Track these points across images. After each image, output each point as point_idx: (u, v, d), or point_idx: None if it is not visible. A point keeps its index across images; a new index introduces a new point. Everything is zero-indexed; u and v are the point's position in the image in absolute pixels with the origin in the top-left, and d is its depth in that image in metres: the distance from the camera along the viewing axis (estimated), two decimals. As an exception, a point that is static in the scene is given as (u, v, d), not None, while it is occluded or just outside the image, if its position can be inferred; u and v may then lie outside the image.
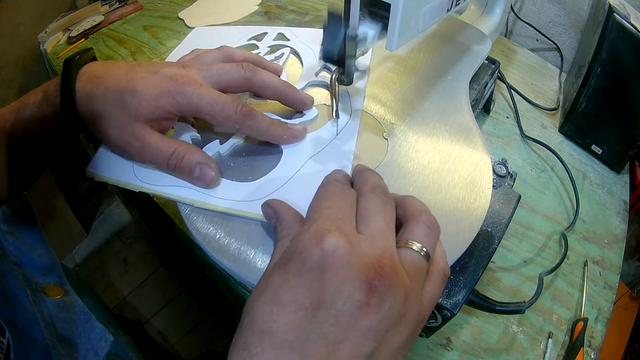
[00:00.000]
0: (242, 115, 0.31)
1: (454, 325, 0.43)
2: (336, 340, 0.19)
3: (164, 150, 0.30)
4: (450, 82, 0.41)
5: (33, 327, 0.30)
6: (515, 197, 0.35)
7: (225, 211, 0.29)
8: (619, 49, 0.51)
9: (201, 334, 1.12)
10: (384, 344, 0.20)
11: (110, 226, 1.31)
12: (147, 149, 0.30)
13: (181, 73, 0.31)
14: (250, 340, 0.19)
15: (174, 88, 0.30)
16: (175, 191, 0.31)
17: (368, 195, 0.24)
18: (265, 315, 0.19)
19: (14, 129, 0.32)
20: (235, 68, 0.33)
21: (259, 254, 0.27)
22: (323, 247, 0.20)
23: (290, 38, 0.47)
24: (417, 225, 0.23)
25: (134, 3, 0.77)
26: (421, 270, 0.22)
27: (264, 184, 0.31)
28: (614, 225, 0.53)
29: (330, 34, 0.30)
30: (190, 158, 0.30)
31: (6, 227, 0.33)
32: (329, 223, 0.21)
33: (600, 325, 0.45)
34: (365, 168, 0.27)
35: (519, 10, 0.76)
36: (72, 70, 0.30)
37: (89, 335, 0.33)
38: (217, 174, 0.30)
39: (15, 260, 0.32)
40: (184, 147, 0.31)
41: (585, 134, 0.59)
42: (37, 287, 0.33)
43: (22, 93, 0.83)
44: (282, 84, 0.35)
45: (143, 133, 0.30)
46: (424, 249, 0.22)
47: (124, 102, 0.29)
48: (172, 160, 0.30)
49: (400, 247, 0.22)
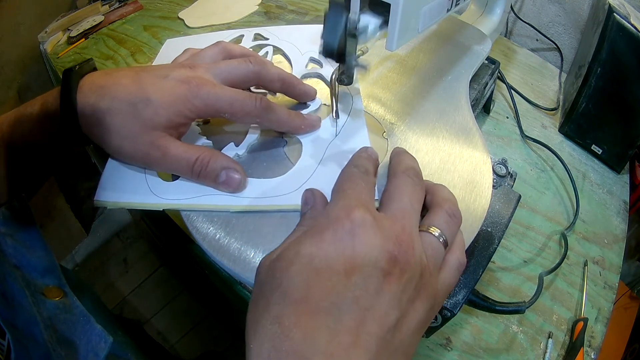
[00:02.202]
0: (262, 109, 0.31)
1: (454, 325, 0.43)
2: (366, 306, 0.20)
3: (186, 158, 0.29)
4: (450, 82, 0.40)
5: (33, 328, 0.30)
6: (515, 197, 0.35)
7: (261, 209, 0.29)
8: (619, 49, 0.51)
9: (201, 334, 1.12)
10: (404, 318, 0.21)
11: (110, 226, 1.31)
12: (169, 157, 0.29)
13: (192, 75, 0.30)
14: (282, 313, 0.19)
15: (190, 92, 0.29)
16: (205, 200, 0.30)
17: (399, 176, 0.25)
18: (301, 285, 0.20)
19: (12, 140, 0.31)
20: (244, 63, 0.33)
21: (259, 254, 0.27)
22: (352, 219, 0.21)
23: (268, 37, 0.47)
24: (439, 213, 0.25)
25: (134, 3, 0.77)
26: (438, 255, 0.23)
27: (293, 176, 0.31)
28: (614, 225, 0.53)
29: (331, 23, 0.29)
30: (215, 163, 0.29)
31: (5, 229, 0.33)
32: (354, 200, 0.23)
33: (600, 325, 0.45)
34: (403, 150, 0.29)
35: (519, 10, 0.76)
36: (73, 81, 0.29)
37: (89, 336, 0.33)
38: (243, 177, 0.30)
39: (14, 261, 0.32)
40: (207, 152, 0.30)
41: (585, 134, 0.59)
42: (36, 289, 0.33)
43: (22, 93, 0.82)
44: (289, 75, 0.35)
45: (163, 142, 0.29)
46: (443, 235, 0.24)
47: (138, 112, 0.28)
48: (196, 167, 0.29)
49: (422, 231, 0.24)
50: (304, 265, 0.20)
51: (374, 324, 0.19)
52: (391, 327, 0.20)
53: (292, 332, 0.19)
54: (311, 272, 0.20)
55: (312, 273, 0.20)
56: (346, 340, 0.19)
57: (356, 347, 0.19)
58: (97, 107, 0.28)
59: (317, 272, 0.20)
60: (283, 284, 0.20)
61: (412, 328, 0.21)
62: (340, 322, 0.19)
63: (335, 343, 0.19)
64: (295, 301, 0.19)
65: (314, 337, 0.19)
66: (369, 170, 0.26)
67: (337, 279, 0.20)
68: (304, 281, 0.20)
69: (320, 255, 0.20)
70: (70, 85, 0.28)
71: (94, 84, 0.29)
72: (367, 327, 0.19)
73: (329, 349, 0.18)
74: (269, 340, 0.19)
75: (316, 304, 0.19)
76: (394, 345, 0.20)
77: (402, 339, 0.21)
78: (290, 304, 0.19)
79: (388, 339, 0.20)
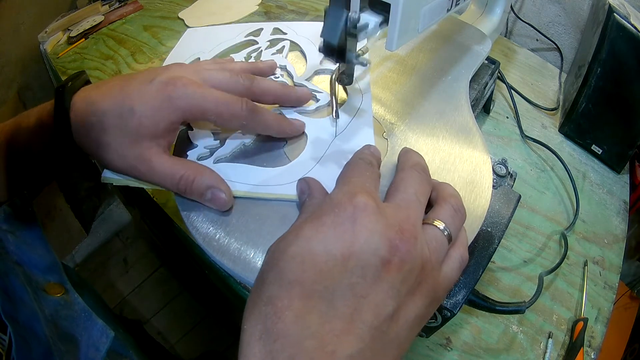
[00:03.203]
0: (249, 111, 0.30)
1: (454, 325, 0.43)
2: (362, 294, 0.19)
3: (171, 175, 0.29)
4: (450, 82, 0.40)
5: (34, 323, 0.30)
6: (515, 197, 0.35)
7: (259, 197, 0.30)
8: (619, 49, 0.51)
9: (201, 334, 1.12)
10: (403, 311, 0.20)
11: (110, 226, 1.31)
12: (154, 173, 0.29)
13: (178, 75, 0.29)
14: (276, 294, 0.19)
15: (173, 92, 0.28)
16: None
17: (407, 170, 0.26)
18: (295, 266, 0.20)
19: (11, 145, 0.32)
20: (235, 76, 0.32)
21: (259, 254, 0.27)
22: (355, 204, 0.21)
23: (286, 32, 0.48)
24: (444, 207, 0.24)
25: (134, 3, 0.77)
26: (441, 247, 0.23)
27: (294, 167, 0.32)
28: (614, 225, 0.53)
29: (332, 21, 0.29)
30: (200, 181, 0.29)
31: (7, 226, 0.33)
32: (358, 187, 0.22)
33: (600, 325, 0.45)
34: (410, 149, 0.29)
35: (519, 10, 0.76)
36: (66, 100, 0.29)
37: (90, 332, 0.33)
38: (229, 197, 0.29)
39: (15, 259, 0.32)
40: (192, 169, 0.29)
41: (585, 134, 0.59)
42: (37, 286, 0.33)
43: (22, 93, 0.82)
44: (280, 87, 0.34)
45: (149, 156, 0.28)
46: (448, 229, 0.23)
47: (124, 124, 0.28)
48: (181, 185, 0.29)
49: (426, 223, 0.23)
50: (301, 247, 0.20)
51: (369, 313, 0.19)
52: (387, 317, 0.20)
53: (284, 314, 0.19)
54: (307, 255, 0.20)
55: (309, 255, 0.20)
56: (338, 326, 0.19)
57: (348, 334, 0.19)
58: (89, 123, 0.28)
59: (313, 255, 0.20)
60: (279, 265, 0.20)
61: (410, 321, 0.21)
62: (334, 307, 0.19)
63: (327, 328, 0.19)
64: (289, 283, 0.19)
65: (305, 321, 0.19)
66: (373, 163, 0.26)
67: (333, 263, 0.20)
68: (299, 263, 0.20)
69: (319, 238, 0.20)
70: (64, 104, 0.28)
71: (85, 101, 0.29)
72: (362, 315, 0.19)
73: (319, 333, 0.18)
74: (262, 321, 0.19)
75: (310, 287, 0.19)
76: (388, 337, 0.20)
77: (398, 332, 0.20)
78: (285, 285, 0.19)
79: (383, 329, 0.20)
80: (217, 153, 0.33)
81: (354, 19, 0.28)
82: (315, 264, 0.20)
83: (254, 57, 0.45)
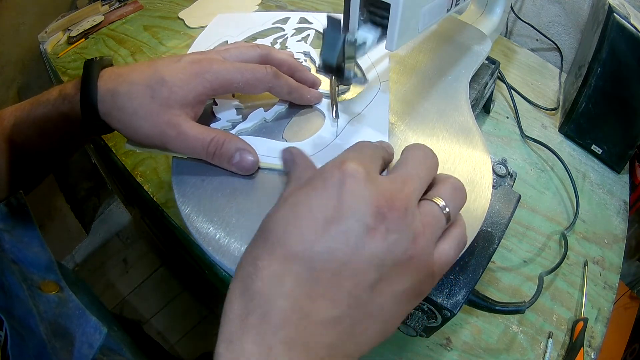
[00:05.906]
0: (273, 74, 0.32)
1: (454, 325, 0.43)
2: (342, 260, 0.19)
3: (201, 138, 0.30)
4: (450, 82, 0.40)
5: (29, 319, 0.30)
6: (515, 197, 0.35)
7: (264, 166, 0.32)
8: (619, 49, 0.51)
9: (201, 334, 1.12)
10: (387, 282, 0.20)
11: (110, 226, 1.31)
12: (184, 136, 0.30)
13: (202, 57, 0.32)
14: (258, 254, 0.20)
15: (201, 68, 0.30)
16: None
17: (411, 149, 0.25)
18: (279, 228, 0.20)
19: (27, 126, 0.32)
20: (252, 48, 0.34)
21: (259, 253, 0.27)
22: (344, 170, 0.21)
23: (312, 22, 0.49)
24: (444, 185, 0.24)
25: (134, 3, 0.77)
26: (437, 223, 0.22)
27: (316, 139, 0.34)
28: (614, 225, 0.53)
29: (330, 40, 0.30)
30: (229, 144, 0.30)
31: (3, 225, 0.33)
32: (351, 157, 0.22)
33: (600, 325, 0.45)
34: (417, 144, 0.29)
35: (519, 10, 0.76)
36: (94, 69, 0.30)
37: (84, 328, 0.33)
38: (256, 159, 0.31)
39: (12, 257, 0.33)
40: (222, 134, 0.31)
41: (585, 134, 0.59)
42: (33, 283, 0.33)
43: (22, 93, 0.82)
44: (295, 61, 0.36)
45: (179, 121, 0.30)
46: (447, 208, 0.23)
47: (154, 92, 0.29)
48: (211, 147, 0.30)
49: (424, 199, 0.23)
50: (286, 210, 0.21)
51: (348, 280, 0.19)
52: (367, 286, 0.19)
53: (263, 273, 0.19)
54: (292, 218, 0.20)
55: (293, 219, 0.20)
56: (315, 290, 0.19)
57: (324, 299, 0.19)
58: (117, 92, 0.30)
59: (297, 219, 0.20)
60: (265, 227, 0.21)
61: (397, 295, 0.20)
62: (311, 270, 0.19)
63: (301, 290, 0.19)
64: (272, 244, 0.20)
65: (281, 281, 0.19)
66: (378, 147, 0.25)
67: (314, 226, 0.19)
68: (282, 226, 0.20)
69: (304, 202, 0.20)
70: (92, 74, 0.30)
71: (114, 73, 0.31)
72: (340, 281, 0.19)
73: (294, 294, 0.19)
74: (243, 280, 0.20)
75: (290, 249, 0.19)
76: (369, 308, 0.20)
77: (381, 304, 0.20)
78: (267, 246, 0.20)
79: (363, 298, 0.19)
80: (239, 127, 0.35)
81: (351, 41, 0.29)
82: (297, 227, 0.20)
83: (279, 42, 0.47)
